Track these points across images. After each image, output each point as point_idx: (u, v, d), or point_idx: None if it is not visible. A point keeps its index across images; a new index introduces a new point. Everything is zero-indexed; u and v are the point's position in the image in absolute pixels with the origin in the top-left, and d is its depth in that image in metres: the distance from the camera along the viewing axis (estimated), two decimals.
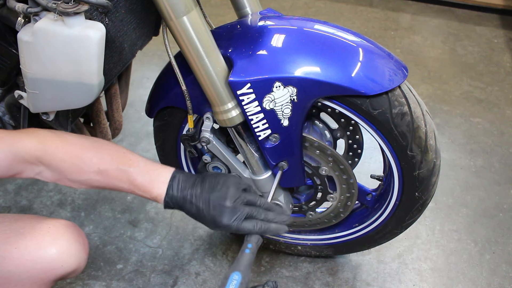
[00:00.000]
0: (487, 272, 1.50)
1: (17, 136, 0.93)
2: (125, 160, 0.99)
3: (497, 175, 1.84)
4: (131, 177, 0.97)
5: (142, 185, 0.98)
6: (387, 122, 1.07)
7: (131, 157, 1.00)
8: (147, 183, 0.98)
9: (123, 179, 0.98)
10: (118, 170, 0.97)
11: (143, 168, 0.99)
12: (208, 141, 1.16)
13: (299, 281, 1.47)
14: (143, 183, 0.98)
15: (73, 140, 0.98)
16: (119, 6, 1.01)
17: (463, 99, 2.24)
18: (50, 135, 0.96)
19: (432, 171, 1.14)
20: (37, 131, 0.97)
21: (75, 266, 1.00)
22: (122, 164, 0.98)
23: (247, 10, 1.18)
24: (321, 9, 2.92)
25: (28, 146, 0.92)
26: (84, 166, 0.96)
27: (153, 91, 1.24)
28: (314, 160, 1.21)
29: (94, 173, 0.97)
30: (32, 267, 0.96)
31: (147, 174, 0.98)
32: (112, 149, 1.00)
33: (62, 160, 0.95)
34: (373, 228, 1.32)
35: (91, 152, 0.97)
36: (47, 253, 0.96)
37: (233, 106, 1.06)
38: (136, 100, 2.13)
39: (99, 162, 0.97)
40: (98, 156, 0.97)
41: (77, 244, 1.00)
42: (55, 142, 0.95)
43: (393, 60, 1.09)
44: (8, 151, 0.90)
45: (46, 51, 0.89)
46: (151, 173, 0.98)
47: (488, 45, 2.62)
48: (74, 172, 0.97)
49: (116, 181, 0.98)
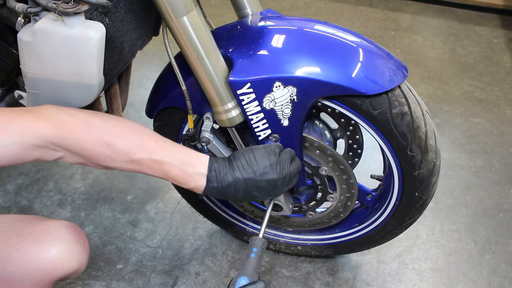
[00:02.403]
0: (487, 272, 1.50)
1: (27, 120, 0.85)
2: (158, 148, 0.94)
3: (497, 175, 1.84)
4: (166, 168, 0.95)
5: (178, 178, 0.97)
6: (387, 122, 1.07)
7: (164, 146, 0.96)
8: (184, 177, 0.97)
9: (157, 170, 0.95)
10: (151, 161, 0.93)
11: (178, 160, 0.95)
12: (208, 141, 1.16)
13: (299, 281, 1.47)
14: (179, 176, 0.96)
15: (99, 124, 0.91)
16: (119, 6, 1.01)
17: (463, 99, 2.24)
18: (70, 118, 0.88)
19: (432, 171, 1.14)
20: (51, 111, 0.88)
21: (76, 267, 0.99)
22: (156, 154, 0.94)
23: (247, 11, 1.18)
24: (321, 9, 2.92)
25: (41, 133, 0.84)
26: (113, 155, 0.91)
27: (153, 92, 1.24)
28: (314, 160, 1.22)
29: (125, 162, 0.93)
30: (33, 268, 0.96)
31: (183, 168, 0.96)
32: (142, 134, 0.95)
33: (88, 149, 0.89)
34: (373, 228, 1.32)
35: (120, 139, 0.91)
36: (47, 254, 0.96)
37: (233, 106, 1.06)
38: (136, 100, 2.13)
39: (130, 151, 0.92)
40: (129, 143, 0.92)
41: (78, 245, 1.00)
42: (77, 128, 0.88)
43: (393, 60, 1.09)
44: (17, 142, 0.83)
45: (46, 51, 0.89)
46: (187, 167, 0.96)
47: (488, 45, 2.62)
48: (102, 160, 0.92)
49: (149, 170, 0.95)
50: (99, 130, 0.90)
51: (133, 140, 0.93)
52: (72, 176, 1.79)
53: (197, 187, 0.98)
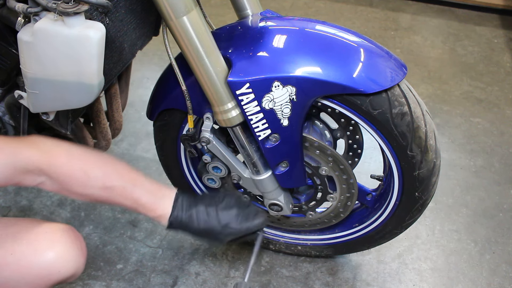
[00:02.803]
0: (487, 272, 1.50)
1: (19, 147, 0.93)
2: (130, 178, 1.02)
3: (497, 175, 1.84)
4: (136, 195, 1.01)
5: (146, 205, 1.02)
6: (387, 122, 1.07)
7: (135, 176, 1.03)
8: (152, 203, 1.02)
9: (128, 197, 1.01)
10: (123, 188, 1.00)
11: (148, 188, 1.03)
12: (208, 141, 1.16)
13: (299, 281, 1.47)
14: (148, 203, 1.02)
15: (79, 154, 0.99)
16: (119, 6, 1.01)
17: (463, 99, 2.24)
18: (55, 148, 0.97)
19: (432, 171, 1.14)
20: (40, 141, 0.96)
21: (73, 272, 0.98)
22: (128, 182, 1.01)
23: (247, 11, 1.18)
24: (321, 9, 2.92)
25: (31, 158, 0.92)
26: (89, 181, 0.98)
27: (154, 94, 1.24)
28: (314, 160, 1.22)
29: (99, 189, 0.99)
30: (28, 273, 0.95)
31: (152, 195, 1.03)
32: (117, 166, 1.03)
33: (68, 175, 0.96)
34: (373, 228, 1.32)
35: (97, 168, 0.99)
36: (43, 258, 0.95)
37: (233, 106, 1.06)
38: (136, 100, 2.13)
39: (105, 179, 0.99)
40: (104, 172, 1.00)
41: (75, 249, 0.99)
42: (61, 156, 0.96)
43: (392, 59, 1.09)
44: (9, 164, 0.90)
45: (46, 51, 0.89)
46: (155, 193, 1.04)
47: (488, 45, 2.62)
48: (79, 186, 0.98)
49: (120, 198, 1.01)
50: (79, 159, 0.98)
51: (108, 169, 1.01)
52: None
53: (163, 214, 1.04)
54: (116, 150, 1.91)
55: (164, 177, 1.50)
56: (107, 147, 1.33)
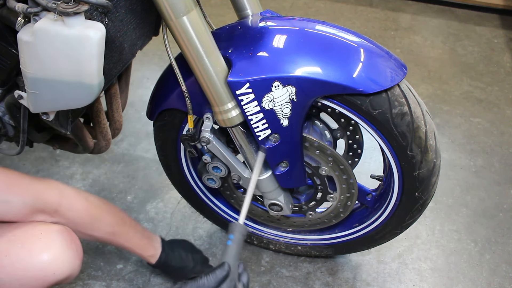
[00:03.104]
0: (487, 272, 1.50)
1: (42, 188, 1.01)
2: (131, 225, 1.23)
3: (497, 175, 1.84)
4: (136, 239, 1.23)
5: (141, 244, 1.25)
6: (387, 122, 1.07)
7: (134, 223, 1.25)
8: (146, 244, 1.26)
9: (128, 240, 1.22)
10: (126, 233, 1.20)
11: (142, 233, 1.27)
12: (208, 141, 1.16)
13: (299, 281, 1.47)
14: (145, 245, 1.26)
15: (96, 202, 1.13)
16: (119, 6, 1.01)
17: (463, 99, 2.24)
18: (74, 193, 1.08)
19: (432, 171, 1.14)
20: (60, 186, 1.06)
21: (68, 273, 0.98)
22: (130, 228, 1.22)
23: (247, 11, 1.18)
24: (321, 9, 2.92)
25: (50, 200, 1.00)
26: (100, 226, 1.13)
27: (154, 94, 1.24)
28: (314, 160, 1.22)
29: (106, 233, 1.15)
30: (23, 275, 0.94)
31: (146, 238, 1.27)
32: (121, 214, 1.21)
33: (83, 219, 1.08)
34: (373, 228, 1.32)
35: (108, 216, 1.15)
36: (38, 260, 0.94)
37: (233, 106, 1.06)
38: (136, 100, 2.13)
39: (114, 225, 1.16)
40: (113, 219, 1.16)
41: (70, 251, 0.98)
42: (81, 202, 1.08)
43: (392, 59, 1.09)
44: (28, 203, 0.97)
45: (46, 51, 0.89)
46: (148, 237, 1.28)
47: (488, 45, 2.62)
48: (90, 229, 1.11)
49: (122, 240, 1.20)
50: (95, 206, 1.12)
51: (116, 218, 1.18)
52: (72, 176, 1.79)
53: (154, 254, 1.29)
54: (116, 150, 1.91)
55: (164, 177, 1.50)
56: (107, 147, 1.33)
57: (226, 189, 1.37)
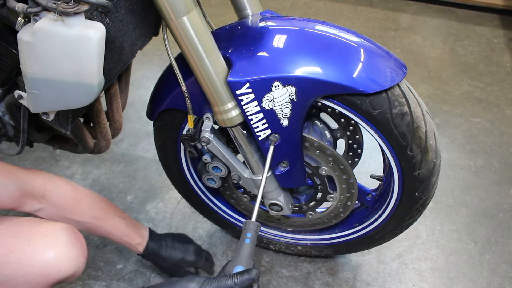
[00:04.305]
0: (487, 272, 1.50)
1: (29, 174, 1.06)
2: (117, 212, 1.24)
3: (497, 175, 1.84)
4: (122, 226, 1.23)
5: (127, 231, 1.24)
6: (387, 122, 1.07)
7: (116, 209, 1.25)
8: (132, 232, 1.25)
9: (114, 226, 1.22)
10: (110, 217, 1.21)
11: (130, 220, 1.27)
12: (208, 141, 1.16)
13: (299, 281, 1.47)
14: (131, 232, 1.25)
15: (81, 189, 1.18)
16: (119, 6, 1.01)
17: (463, 99, 2.24)
18: (61, 180, 1.13)
19: (432, 171, 1.14)
20: (46, 173, 1.12)
21: (73, 271, 0.99)
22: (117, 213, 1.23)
23: (247, 11, 1.18)
24: (321, 9, 2.92)
25: (38, 184, 1.06)
26: (87, 210, 1.15)
27: (154, 94, 1.24)
28: (314, 160, 1.22)
29: (92, 218, 1.16)
30: (28, 271, 0.95)
31: (133, 225, 1.26)
32: (108, 202, 1.24)
33: (69, 203, 1.12)
34: (373, 228, 1.32)
35: (94, 200, 1.18)
36: (44, 257, 0.95)
37: (233, 106, 1.06)
38: (136, 100, 2.13)
39: (98, 209, 1.18)
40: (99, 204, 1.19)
41: (75, 248, 0.99)
42: (66, 186, 1.12)
43: (392, 59, 1.09)
44: (19, 187, 1.02)
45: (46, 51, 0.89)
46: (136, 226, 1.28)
47: (488, 45, 2.62)
48: (76, 214, 1.13)
49: (107, 226, 1.20)
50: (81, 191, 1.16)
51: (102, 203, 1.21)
52: (72, 176, 1.79)
53: (141, 242, 1.29)
54: (116, 150, 1.91)
55: (164, 177, 1.50)
56: (107, 147, 1.33)
57: (226, 189, 1.37)
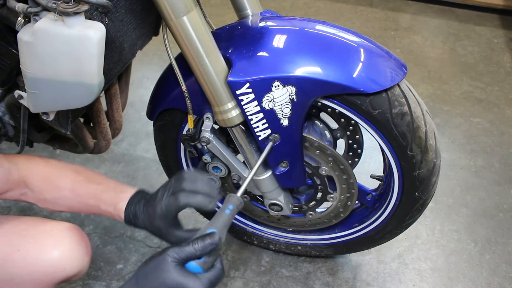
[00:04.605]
0: (487, 272, 1.50)
1: (15, 156, 1.05)
2: (96, 179, 1.06)
3: (497, 175, 1.84)
4: (98, 192, 1.03)
5: (108, 200, 1.02)
6: (387, 122, 1.07)
7: (102, 177, 1.08)
8: (112, 197, 1.02)
9: (91, 195, 1.04)
10: (87, 187, 1.04)
11: (111, 185, 1.05)
12: (208, 141, 1.16)
13: (299, 281, 1.47)
14: (108, 197, 1.03)
15: (54, 162, 1.08)
16: (119, 6, 1.01)
17: (463, 99, 2.24)
18: (37, 158, 1.07)
19: (432, 171, 1.14)
20: (30, 156, 1.07)
21: (78, 270, 0.99)
22: (93, 182, 1.05)
23: (247, 11, 1.18)
24: (321, 9, 2.92)
25: (20, 167, 1.02)
26: (60, 182, 1.04)
27: (154, 94, 1.24)
28: (314, 160, 1.22)
29: (68, 190, 1.04)
30: (34, 270, 0.95)
31: (113, 190, 1.04)
32: (88, 171, 1.09)
33: (42, 178, 1.03)
34: (373, 228, 1.32)
35: (67, 170, 1.06)
36: (49, 256, 0.96)
37: (233, 106, 1.06)
38: (136, 100, 2.13)
39: (73, 180, 1.05)
40: (74, 174, 1.06)
41: (80, 247, 0.99)
42: (39, 163, 1.05)
43: (392, 59, 1.09)
44: (8, 169, 1.00)
45: (46, 51, 0.89)
46: (117, 189, 1.04)
47: (488, 45, 2.62)
48: (51, 189, 1.04)
49: (85, 198, 1.04)
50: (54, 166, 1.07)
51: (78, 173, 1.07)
52: None
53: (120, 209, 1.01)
54: (116, 150, 1.91)
55: (164, 177, 1.50)
56: (107, 147, 1.33)
57: (226, 189, 1.37)
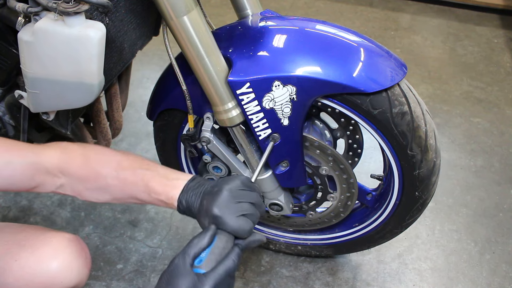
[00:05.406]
0: (487, 272, 1.50)
1: (43, 148, 0.92)
2: (142, 164, 0.94)
3: (497, 175, 1.84)
4: (146, 178, 0.92)
5: (157, 188, 0.91)
6: (387, 122, 1.07)
7: (149, 163, 0.95)
8: (163, 185, 0.91)
9: (139, 183, 0.92)
10: (134, 174, 0.92)
11: (160, 172, 0.93)
12: (208, 141, 1.16)
13: (299, 281, 1.47)
14: (158, 185, 0.91)
15: (94, 148, 0.97)
16: (119, 6, 1.01)
17: (463, 99, 2.24)
18: (72, 145, 0.95)
19: (432, 171, 1.14)
20: (62, 142, 0.95)
21: (76, 282, 0.97)
22: (140, 168, 0.93)
23: (247, 11, 1.18)
24: (321, 9, 2.92)
25: (53, 157, 0.90)
26: (102, 169, 0.93)
27: (154, 94, 1.24)
28: (314, 160, 1.22)
29: (111, 178, 0.93)
30: (31, 280, 0.94)
31: (164, 177, 0.92)
32: (131, 156, 0.97)
33: (82, 166, 0.92)
34: (373, 228, 1.32)
35: (109, 157, 0.95)
36: (47, 267, 0.94)
37: (233, 106, 1.06)
38: (136, 100, 2.13)
39: (117, 166, 0.93)
40: (116, 160, 0.94)
41: (79, 259, 0.97)
42: (77, 150, 0.94)
43: (392, 58, 1.09)
44: (32, 163, 0.89)
45: (47, 50, 0.89)
46: (168, 176, 0.93)
47: (488, 45, 2.62)
48: (92, 178, 0.93)
49: (132, 185, 0.93)
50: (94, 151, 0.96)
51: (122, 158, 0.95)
52: None
53: (173, 197, 0.91)
54: None
55: None
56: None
57: None
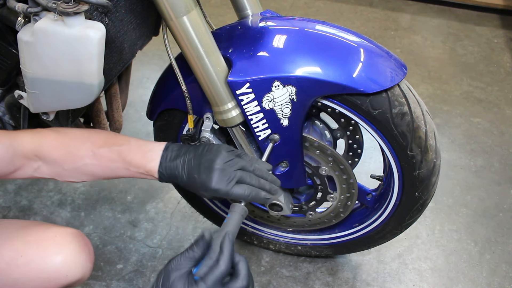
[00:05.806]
0: (487, 272, 1.50)
1: (16, 132, 0.96)
2: (116, 140, 0.98)
3: (497, 175, 1.84)
4: (123, 154, 0.96)
5: (135, 161, 0.96)
6: (387, 122, 1.07)
7: (122, 138, 0.99)
8: (140, 157, 0.96)
9: (116, 159, 0.96)
10: (110, 151, 0.96)
11: (134, 145, 0.97)
12: (208, 141, 1.16)
13: (299, 281, 1.47)
14: (136, 158, 0.96)
15: (67, 131, 1.00)
16: (119, 6, 1.01)
17: (463, 99, 2.24)
18: (46, 130, 0.98)
19: (432, 171, 1.14)
20: (35, 129, 0.99)
21: (80, 276, 0.99)
22: (114, 144, 0.97)
23: (247, 11, 1.18)
24: (321, 9, 2.92)
25: (26, 141, 0.94)
26: (77, 151, 0.96)
27: (154, 94, 1.24)
28: (314, 160, 1.22)
29: (88, 157, 0.96)
30: (36, 275, 0.95)
31: (139, 150, 0.96)
32: (103, 134, 1.01)
33: (56, 149, 0.95)
34: (373, 228, 1.32)
35: (83, 138, 0.98)
36: (52, 262, 0.95)
37: (233, 106, 1.06)
38: (136, 100, 2.13)
39: (92, 146, 0.96)
40: (91, 140, 0.97)
41: (83, 254, 0.99)
42: (49, 134, 0.97)
43: (392, 59, 1.09)
44: (9, 146, 0.92)
45: (46, 51, 0.89)
46: (143, 148, 0.97)
47: (488, 45, 2.62)
48: (69, 160, 0.96)
49: (110, 162, 0.96)
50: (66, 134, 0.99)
51: (95, 137, 0.99)
52: None
53: (153, 167, 0.96)
54: None
55: None
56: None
57: None
